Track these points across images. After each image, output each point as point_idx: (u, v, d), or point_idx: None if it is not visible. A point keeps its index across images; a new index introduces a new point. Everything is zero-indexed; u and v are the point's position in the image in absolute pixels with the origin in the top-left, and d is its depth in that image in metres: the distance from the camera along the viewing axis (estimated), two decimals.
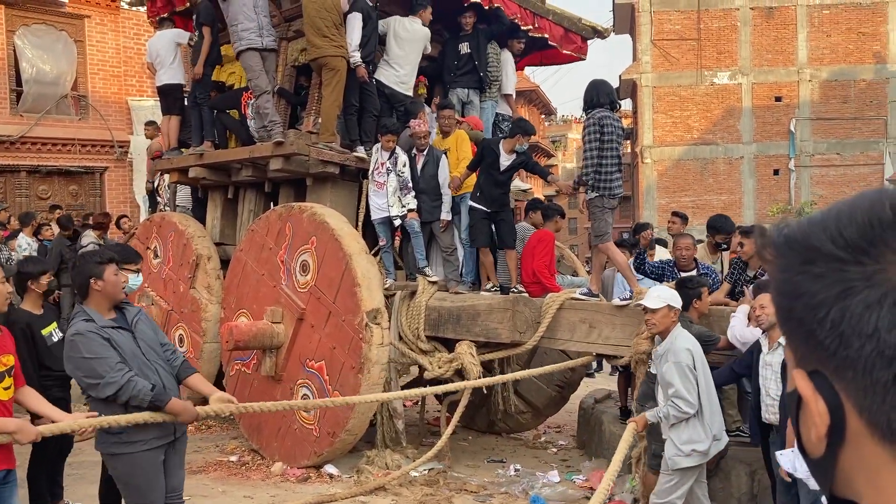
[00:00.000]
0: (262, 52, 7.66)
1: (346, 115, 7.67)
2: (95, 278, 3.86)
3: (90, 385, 3.76)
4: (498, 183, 7.24)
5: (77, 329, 3.77)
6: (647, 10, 28.64)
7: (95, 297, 3.89)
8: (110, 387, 3.72)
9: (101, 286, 3.87)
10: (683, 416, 4.56)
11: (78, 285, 3.93)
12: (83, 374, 3.76)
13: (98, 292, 3.88)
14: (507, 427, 8.75)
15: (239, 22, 7.53)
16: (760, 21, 28.33)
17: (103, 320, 3.86)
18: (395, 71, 7.95)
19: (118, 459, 3.91)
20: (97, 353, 3.74)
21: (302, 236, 7.14)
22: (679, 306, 4.82)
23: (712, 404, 4.68)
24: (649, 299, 4.85)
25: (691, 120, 28.63)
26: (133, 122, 14.80)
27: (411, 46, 7.96)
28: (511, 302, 6.86)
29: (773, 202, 27.53)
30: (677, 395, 4.53)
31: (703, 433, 4.61)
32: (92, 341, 3.75)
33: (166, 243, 8.64)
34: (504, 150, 7.15)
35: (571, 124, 56.20)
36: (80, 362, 3.74)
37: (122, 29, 14.72)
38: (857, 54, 27.99)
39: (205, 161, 8.31)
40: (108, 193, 14.73)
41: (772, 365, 4.67)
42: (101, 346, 3.76)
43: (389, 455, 6.98)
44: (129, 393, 3.74)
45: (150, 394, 3.81)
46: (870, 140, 28.16)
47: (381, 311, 6.73)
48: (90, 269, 3.88)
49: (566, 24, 9.06)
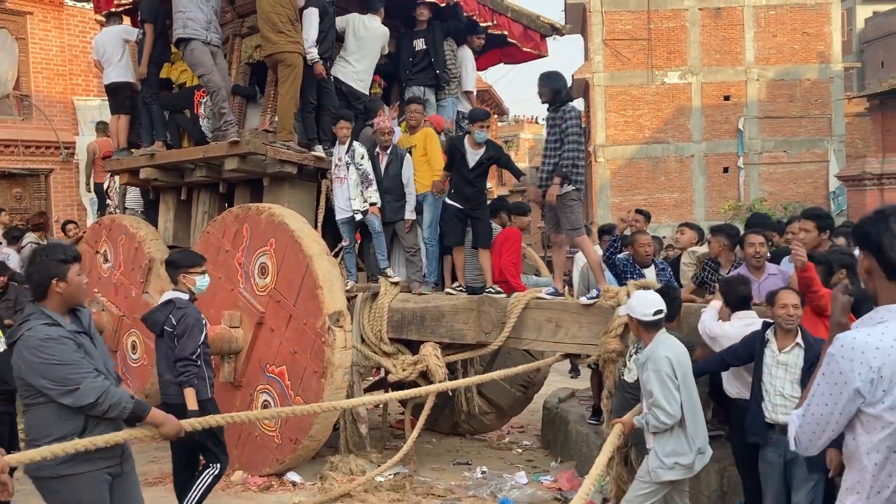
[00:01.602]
0: (209, 48, 7.37)
1: (304, 112, 7.48)
2: (58, 279, 3.48)
3: (62, 393, 3.39)
4: (469, 181, 7.10)
5: (47, 333, 3.39)
6: (598, 10, 28.87)
7: (55, 299, 3.52)
8: (90, 393, 3.41)
9: (62, 288, 3.49)
10: (662, 427, 4.48)
11: (35, 284, 3.50)
12: (52, 382, 3.37)
13: (59, 294, 3.51)
14: (471, 428, 8.66)
15: (187, 10, 7.23)
16: (709, 21, 28.78)
17: (68, 324, 3.52)
18: (353, 68, 7.80)
19: (61, 483, 3.50)
20: (71, 360, 3.41)
21: (260, 238, 6.94)
22: (637, 316, 4.68)
23: (696, 416, 4.58)
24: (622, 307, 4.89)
25: (643, 119, 28.95)
26: (79, 123, 14.35)
27: (370, 44, 7.82)
28: (476, 302, 6.77)
29: (724, 199, 27.98)
30: (656, 404, 4.45)
31: (688, 446, 4.51)
32: (66, 347, 3.42)
33: (117, 247, 8.34)
34: (469, 146, 7.04)
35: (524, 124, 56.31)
36: (50, 369, 3.37)
37: (66, 26, 14.25)
38: (802, 54, 28.60)
39: (157, 162, 8.04)
40: (54, 196, 14.25)
41: (787, 365, 4.57)
42: (75, 352, 3.44)
43: (353, 460, 6.82)
44: (109, 401, 3.46)
45: (131, 402, 3.57)
46: (815, 138, 28.79)
47: (344, 314, 6.57)
48: (52, 268, 3.48)
49: (525, 21, 9.00)
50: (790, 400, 4.54)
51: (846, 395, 2.17)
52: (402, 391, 6.19)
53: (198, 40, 7.27)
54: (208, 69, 7.29)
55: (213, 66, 7.33)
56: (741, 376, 5.01)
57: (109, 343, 8.25)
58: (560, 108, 6.29)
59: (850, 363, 2.16)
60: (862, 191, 21.57)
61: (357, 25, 7.72)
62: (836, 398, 2.19)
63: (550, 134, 6.41)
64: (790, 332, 4.59)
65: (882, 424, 2.15)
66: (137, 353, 7.95)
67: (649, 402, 4.50)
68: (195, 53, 7.30)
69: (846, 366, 2.16)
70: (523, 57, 9.55)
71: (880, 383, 2.13)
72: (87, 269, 8.69)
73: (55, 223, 13.71)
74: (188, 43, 7.28)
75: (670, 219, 28.53)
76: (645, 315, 4.64)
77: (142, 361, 7.90)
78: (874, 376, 2.13)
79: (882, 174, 21.00)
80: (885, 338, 2.15)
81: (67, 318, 3.58)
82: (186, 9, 7.25)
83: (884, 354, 2.13)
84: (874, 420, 2.16)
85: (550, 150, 6.35)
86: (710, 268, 6.43)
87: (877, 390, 2.13)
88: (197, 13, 7.26)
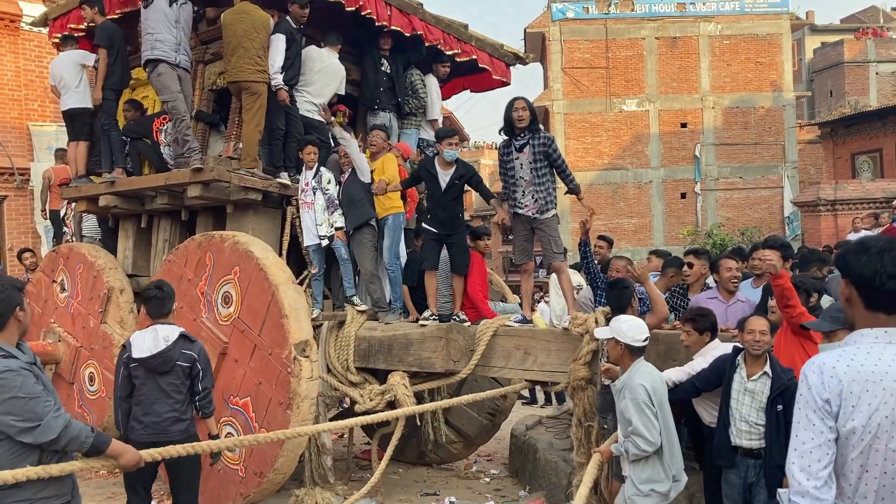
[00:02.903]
0: (177, 71, 7.28)
1: (272, 139, 7.40)
2: (19, 307, 3.38)
3: (23, 430, 3.25)
4: (443, 206, 6.96)
5: (7, 365, 3.25)
6: (557, 38, 29.33)
7: (13, 329, 3.38)
8: (52, 429, 3.28)
9: (21, 317, 3.39)
10: (642, 454, 4.46)
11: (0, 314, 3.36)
12: (15, 418, 3.22)
13: (19, 323, 3.39)
14: (438, 458, 8.56)
15: (157, 31, 7.13)
16: (665, 50, 29.39)
17: (23, 356, 3.38)
18: (309, 98, 7.68)
19: None
20: (35, 393, 3.28)
21: (224, 266, 6.81)
22: (627, 341, 4.62)
23: (672, 444, 4.56)
24: (601, 328, 4.80)
25: (602, 146, 29.36)
26: (34, 149, 14.02)
27: (328, 78, 7.75)
28: (444, 330, 6.71)
29: (682, 224, 28.41)
30: (635, 431, 4.43)
31: (664, 473, 4.49)
32: (27, 379, 3.28)
33: (74, 276, 8.14)
34: (439, 167, 6.94)
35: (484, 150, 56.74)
36: (13, 403, 3.21)
37: (22, 51, 13.96)
38: (755, 83, 29.33)
39: (117, 189, 7.88)
40: (7, 224, 13.86)
41: (754, 393, 4.59)
42: (35, 386, 3.30)
43: (319, 493, 6.69)
44: (70, 435, 3.35)
45: (91, 435, 3.45)
46: (769, 164, 29.46)
47: (311, 344, 6.46)
48: (15, 298, 3.37)
49: (489, 50, 9.05)
50: (754, 427, 4.59)
51: (819, 406, 2.21)
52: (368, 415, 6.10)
53: (166, 62, 7.18)
54: (173, 96, 7.18)
55: (178, 92, 7.23)
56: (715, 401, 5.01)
57: (66, 375, 8.02)
58: (538, 133, 6.30)
59: (819, 376, 2.22)
60: (817, 216, 22.06)
61: (314, 57, 7.65)
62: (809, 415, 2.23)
63: (536, 160, 6.29)
64: (759, 358, 4.61)
65: (853, 442, 2.18)
66: (95, 385, 7.73)
67: (629, 430, 4.48)
68: (162, 78, 7.19)
69: (815, 379, 2.23)
70: (487, 85, 9.59)
71: (850, 398, 2.17)
72: (43, 299, 8.46)
73: (8, 251, 13.35)
74: (156, 65, 7.18)
75: (629, 244, 28.88)
76: (636, 340, 4.61)
77: (99, 394, 7.68)
78: (842, 389, 2.18)
79: (835, 200, 21.51)
80: (857, 356, 2.22)
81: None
82: (155, 30, 7.15)
83: (853, 371, 2.19)
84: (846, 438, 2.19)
85: (539, 174, 6.29)
86: (678, 293, 6.48)
87: (846, 405, 2.17)
88: (166, 35, 7.17)
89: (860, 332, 2.29)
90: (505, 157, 6.47)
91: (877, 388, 2.17)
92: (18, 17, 13.65)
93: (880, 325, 2.26)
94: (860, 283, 2.28)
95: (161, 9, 7.19)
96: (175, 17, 7.24)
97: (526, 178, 6.35)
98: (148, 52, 7.20)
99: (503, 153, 6.51)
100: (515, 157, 6.38)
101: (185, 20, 7.40)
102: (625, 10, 29.45)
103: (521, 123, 6.32)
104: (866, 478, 2.19)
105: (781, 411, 4.44)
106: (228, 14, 7.11)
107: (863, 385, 2.18)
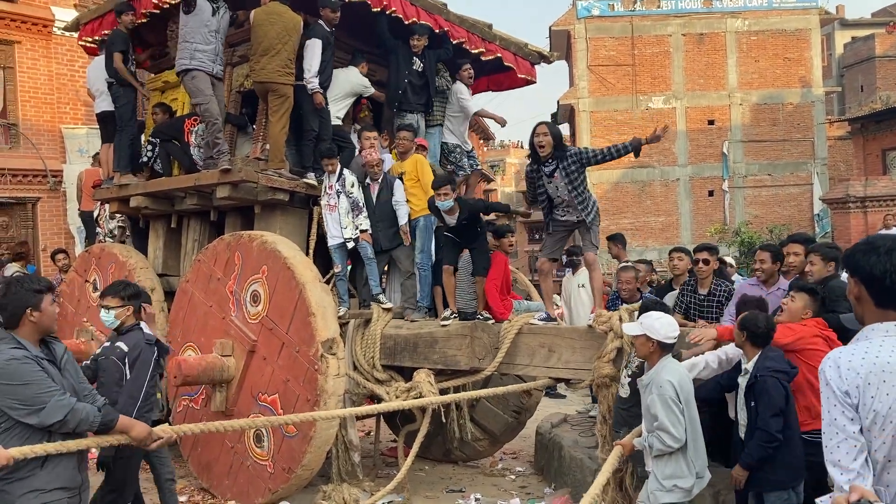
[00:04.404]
0: (211, 79, 7.42)
1: (305, 140, 7.51)
2: (32, 308, 3.64)
3: (28, 412, 3.51)
4: (456, 243, 7.13)
5: (11, 355, 3.52)
6: (582, 36, 29.24)
7: (27, 328, 3.66)
8: (58, 411, 3.54)
9: (36, 317, 3.66)
10: (667, 450, 4.47)
11: (9, 313, 3.66)
12: (18, 402, 3.50)
13: (33, 323, 3.66)
14: (464, 455, 8.61)
15: (196, 41, 7.24)
16: (692, 47, 29.18)
17: (35, 350, 3.65)
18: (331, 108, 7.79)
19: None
20: (37, 380, 3.53)
21: (252, 266, 6.93)
22: (660, 338, 4.58)
23: (696, 440, 4.56)
24: (630, 324, 4.80)
25: None
26: (66, 151, 14.31)
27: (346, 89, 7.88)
28: (469, 328, 6.77)
29: (710, 222, 28.19)
30: (661, 427, 4.43)
31: (687, 469, 4.48)
32: (30, 367, 3.54)
33: (106, 275, 8.30)
34: (444, 214, 7.01)
35: (510, 149, 56.73)
36: (16, 389, 3.49)
37: (54, 55, 14.25)
38: (784, 78, 29.03)
39: (148, 190, 8.03)
40: (41, 225, 14.16)
41: (742, 389, 4.63)
42: (39, 372, 3.56)
43: (347, 489, 6.76)
44: (78, 417, 3.60)
45: (98, 414, 3.69)
46: (798, 161, 29.14)
47: (337, 341, 6.55)
48: (27, 298, 3.65)
49: (513, 49, 9.08)
50: (744, 423, 4.62)
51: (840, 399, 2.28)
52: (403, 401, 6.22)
53: (202, 71, 7.31)
54: (206, 99, 7.29)
55: (211, 95, 7.33)
56: None
57: None
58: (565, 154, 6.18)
59: (836, 371, 2.30)
60: (846, 213, 21.81)
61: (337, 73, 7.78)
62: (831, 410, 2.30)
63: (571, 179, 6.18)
64: (750, 355, 4.60)
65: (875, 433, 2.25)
66: None
67: (654, 426, 4.49)
68: (196, 81, 7.29)
69: (833, 374, 2.31)
70: (511, 84, 9.61)
71: (868, 389, 2.25)
72: (77, 299, 8.65)
73: (42, 252, 13.63)
74: (191, 72, 7.30)
75: (656, 242, 28.72)
76: (668, 338, 4.60)
77: None
78: (860, 381, 2.25)
79: (865, 197, 21.25)
80: (871, 349, 2.30)
81: (38, 347, 3.71)
82: (194, 39, 7.26)
83: (869, 363, 2.27)
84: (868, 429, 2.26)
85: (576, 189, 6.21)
86: (688, 290, 6.51)
87: (865, 396, 2.25)
88: (205, 45, 7.29)
89: (871, 327, 2.37)
90: (536, 181, 6.40)
91: (894, 377, 2.24)
92: (51, 22, 13.93)
93: (890, 321, 2.33)
94: (869, 282, 2.35)
95: (203, 19, 7.29)
96: (216, 28, 7.35)
97: (564, 197, 6.29)
98: (186, 61, 7.30)
99: (534, 177, 6.41)
100: (549, 182, 6.30)
101: (224, 30, 7.53)
102: (651, 6, 29.30)
103: (542, 152, 6.23)
104: (889, 467, 2.26)
105: (753, 407, 4.45)
106: (259, 14, 7.18)
107: (880, 376, 2.25)
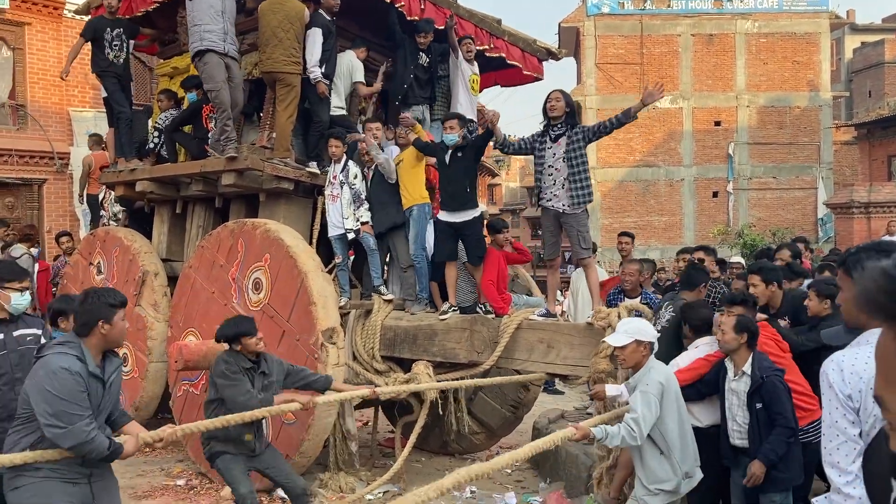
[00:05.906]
0: (224, 59, 7.39)
1: (313, 130, 7.54)
2: (104, 321, 3.67)
3: (49, 424, 3.48)
4: (450, 179, 6.92)
5: (68, 365, 3.52)
6: (591, 34, 29.20)
7: (96, 339, 3.69)
8: (72, 438, 3.50)
9: (107, 330, 3.69)
10: (630, 443, 4.35)
11: (83, 322, 3.70)
12: (47, 410, 3.47)
13: (103, 336, 3.69)
14: (461, 448, 8.66)
15: (203, 23, 7.24)
16: (701, 48, 29.13)
17: (93, 366, 3.65)
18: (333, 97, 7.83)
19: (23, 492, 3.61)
20: (75, 400, 3.51)
21: (255, 253, 6.97)
22: (649, 339, 4.53)
23: (686, 440, 4.51)
24: (614, 336, 4.64)
25: (634, 142, 29.19)
26: (74, 133, 14.36)
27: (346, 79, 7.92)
28: (469, 321, 6.81)
29: (713, 224, 28.19)
30: (634, 418, 4.32)
31: (672, 472, 4.43)
32: (75, 384, 3.52)
33: (111, 258, 8.36)
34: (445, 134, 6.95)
35: None
36: (53, 399, 3.47)
37: (64, 37, 14.27)
38: (792, 82, 28.97)
39: (154, 175, 8.08)
40: (47, 206, 14.22)
41: (737, 393, 4.62)
42: (81, 393, 3.54)
43: (343, 478, 6.83)
44: (88, 448, 3.56)
45: (108, 449, 3.65)
46: (804, 165, 29.11)
47: (337, 331, 6.60)
48: (101, 312, 3.68)
49: (521, 45, 9.10)
50: (743, 426, 4.61)
51: (842, 402, 2.30)
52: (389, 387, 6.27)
53: (214, 52, 7.28)
54: (218, 85, 7.27)
55: (223, 82, 7.30)
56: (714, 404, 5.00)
57: None
58: (575, 126, 6.26)
59: (839, 374, 2.31)
60: (850, 219, 21.79)
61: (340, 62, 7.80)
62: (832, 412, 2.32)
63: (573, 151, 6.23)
64: (741, 357, 4.61)
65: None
66: (128, 366, 7.94)
67: (627, 416, 4.39)
68: (208, 67, 7.29)
69: (836, 377, 2.32)
70: (519, 79, 9.65)
71: (870, 394, 2.23)
72: (80, 281, 8.70)
73: (47, 234, 13.69)
74: (203, 55, 7.28)
75: (659, 241, 28.72)
76: (654, 336, 4.59)
77: (133, 374, 7.89)
78: (863, 385, 2.26)
79: (869, 202, 21.24)
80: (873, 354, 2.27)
81: (97, 360, 3.72)
82: (202, 21, 7.26)
83: (871, 367, 2.23)
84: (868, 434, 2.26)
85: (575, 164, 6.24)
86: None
87: (867, 400, 2.25)
88: (213, 25, 7.29)
89: (871, 331, 2.37)
90: (539, 147, 6.40)
91: None
92: (62, 5, 13.97)
93: None
94: None
95: (208, 1, 7.30)
96: (221, 9, 7.34)
97: (559, 168, 6.30)
98: (197, 43, 7.29)
99: (537, 144, 6.43)
100: (549, 147, 6.32)
101: (231, 10, 7.52)
102: (661, 6, 29.24)
103: (553, 112, 6.30)
104: None
105: (762, 409, 4.45)
106: (265, 4, 7.25)
107: None
